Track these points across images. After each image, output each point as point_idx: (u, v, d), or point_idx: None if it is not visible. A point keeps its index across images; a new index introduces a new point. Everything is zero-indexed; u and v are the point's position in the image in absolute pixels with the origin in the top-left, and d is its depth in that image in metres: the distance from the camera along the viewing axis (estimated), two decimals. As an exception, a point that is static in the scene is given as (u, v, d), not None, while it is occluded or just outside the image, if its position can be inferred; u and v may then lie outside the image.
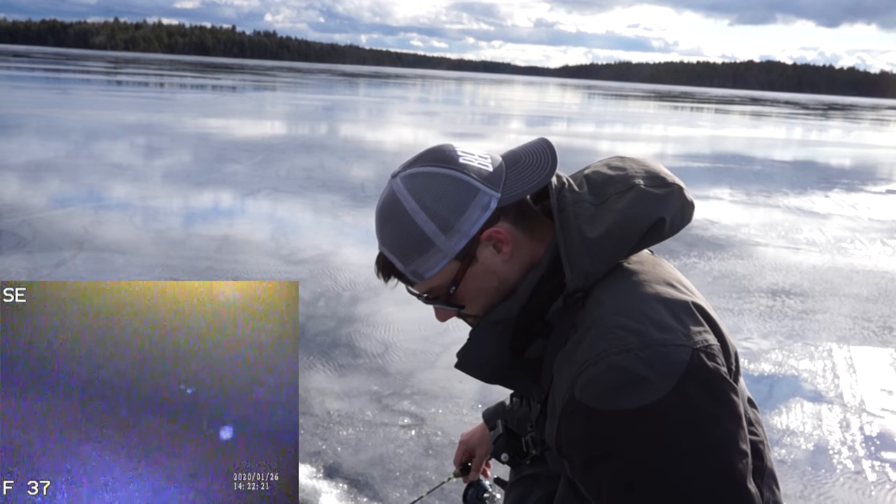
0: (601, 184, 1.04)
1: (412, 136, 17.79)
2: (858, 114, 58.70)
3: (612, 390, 0.87)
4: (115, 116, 16.93)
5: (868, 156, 20.18)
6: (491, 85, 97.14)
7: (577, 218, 1.00)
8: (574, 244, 0.98)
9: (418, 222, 1.00)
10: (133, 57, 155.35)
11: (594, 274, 0.97)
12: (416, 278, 1.04)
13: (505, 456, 1.31)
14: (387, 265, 1.06)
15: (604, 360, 0.88)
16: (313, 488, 2.70)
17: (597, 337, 0.91)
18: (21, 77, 36.36)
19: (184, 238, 6.28)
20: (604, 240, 0.97)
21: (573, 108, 40.58)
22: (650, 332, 0.89)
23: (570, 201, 1.02)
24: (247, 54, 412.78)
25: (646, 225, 0.98)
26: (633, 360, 0.87)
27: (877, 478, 3.01)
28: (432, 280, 1.04)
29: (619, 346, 0.88)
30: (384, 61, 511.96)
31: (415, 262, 1.02)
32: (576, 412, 0.90)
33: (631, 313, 0.92)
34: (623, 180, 1.03)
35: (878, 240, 7.86)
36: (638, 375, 0.86)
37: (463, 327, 1.08)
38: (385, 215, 1.04)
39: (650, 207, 0.98)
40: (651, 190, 1.00)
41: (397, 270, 1.05)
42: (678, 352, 0.88)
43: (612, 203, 1.00)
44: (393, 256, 1.04)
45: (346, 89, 48.11)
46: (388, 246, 1.04)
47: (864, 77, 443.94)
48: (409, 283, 1.07)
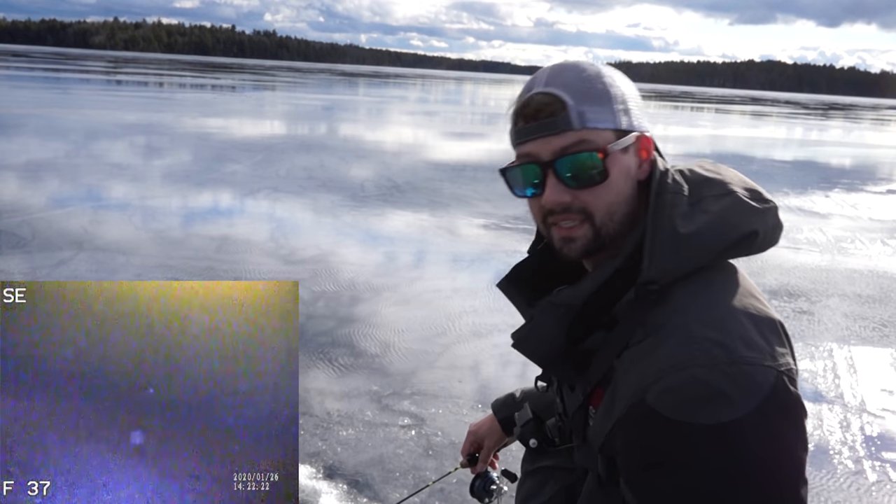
0: (698, 183, 1.00)
1: (412, 136, 17.79)
2: (859, 113, 58.71)
3: (691, 402, 0.84)
4: (115, 116, 16.93)
5: (869, 156, 20.19)
6: (491, 85, 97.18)
7: (673, 207, 0.96)
8: (663, 234, 0.94)
9: (606, 81, 0.97)
10: (132, 56, 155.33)
11: (673, 271, 0.93)
12: (578, 121, 0.95)
13: (533, 441, 1.26)
14: (552, 99, 0.95)
15: (686, 371, 0.85)
16: (313, 488, 2.69)
17: (679, 345, 0.87)
18: (20, 77, 36.36)
19: (184, 238, 6.28)
20: (693, 238, 0.93)
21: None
22: (738, 349, 0.86)
23: (671, 189, 0.98)
24: (246, 54, 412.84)
25: (739, 234, 0.94)
26: (718, 374, 0.84)
27: (877, 478, 3.01)
28: (590, 133, 0.95)
29: (704, 359, 0.85)
30: (384, 61, 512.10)
31: (587, 106, 0.95)
32: (645, 418, 0.87)
33: (718, 325, 0.88)
34: (721, 184, 1.00)
35: (879, 240, 7.86)
36: (720, 391, 0.83)
37: (464, 329, 1.08)
38: (570, 64, 0.99)
39: (746, 218, 0.96)
40: (749, 201, 0.98)
41: (563, 104, 0.95)
42: (764, 373, 0.85)
43: (708, 204, 0.97)
44: (566, 93, 0.95)
45: (346, 89, 48.12)
46: (563, 83, 0.96)
47: (865, 77, 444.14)
48: (565, 126, 0.95)
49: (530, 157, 0.98)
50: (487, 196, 9.23)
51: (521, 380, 3.81)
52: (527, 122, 0.97)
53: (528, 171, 0.99)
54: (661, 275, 0.92)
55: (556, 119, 0.95)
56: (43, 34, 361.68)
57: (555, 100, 0.95)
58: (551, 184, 0.97)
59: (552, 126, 0.95)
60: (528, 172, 0.99)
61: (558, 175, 0.96)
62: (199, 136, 14.18)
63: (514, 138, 1.00)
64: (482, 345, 4.17)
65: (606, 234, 0.98)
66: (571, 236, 0.99)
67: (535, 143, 0.97)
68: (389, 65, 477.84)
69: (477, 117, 27.42)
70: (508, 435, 1.45)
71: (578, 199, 0.97)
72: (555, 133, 0.95)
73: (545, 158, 0.96)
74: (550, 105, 0.95)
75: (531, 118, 0.96)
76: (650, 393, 0.86)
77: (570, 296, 0.98)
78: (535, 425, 1.27)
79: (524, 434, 1.28)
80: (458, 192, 9.48)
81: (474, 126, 22.80)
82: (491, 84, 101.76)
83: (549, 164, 0.96)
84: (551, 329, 0.99)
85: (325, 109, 25.54)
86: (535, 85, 0.98)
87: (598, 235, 0.98)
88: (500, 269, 5.89)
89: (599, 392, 0.99)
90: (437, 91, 58.14)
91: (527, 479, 1.29)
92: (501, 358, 4.06)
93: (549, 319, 0.99)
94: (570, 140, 0.95)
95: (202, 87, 36.42)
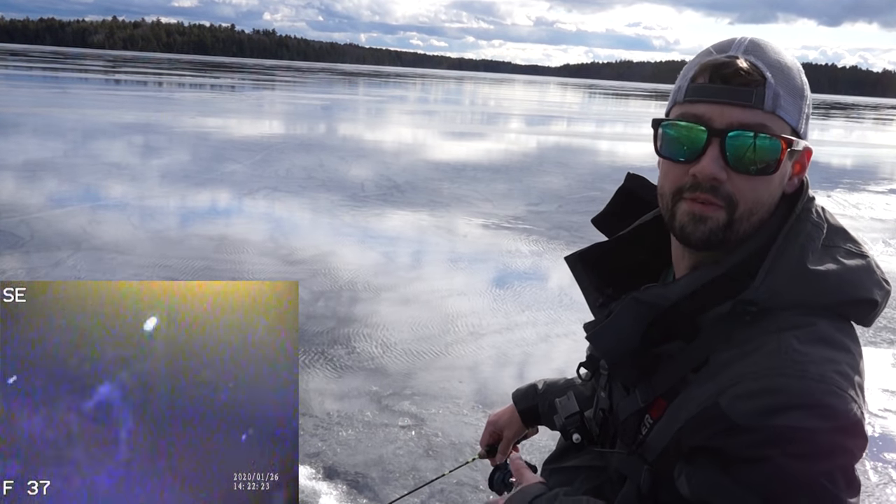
0: (834, 228, 0.94)
1: (412, 136, 17.79)
2: (861, 113, 58.70)
3: (768, 408, 0.79)
4: (114, 116, 16.92)
5: (870, 155, 20.19)
6: (491, 84, 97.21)
7: (809, 240, 0.89)
8: (790, 261, 0.87)
9: (803, 77, 0.92)
10: (131, 56, 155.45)
11: (783, 300, 0.86)
12: (772, 103, 0.86)
13: (577, 437, 1.19)
14: (754, 69, 0.87)
15: (770, 378, 0.80)
16: (313, 489, 2.69)
17: (769, 354, 0.82)
18: (19, 76, 36.35)
19: (183, 238, 6.28)
20: (819, 278, 0.87)
21: (574, 108, 40.57)
22: (829, 372, 0.81)
23: (813, 220, 0.92)
24: (246, 53, 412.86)
25: (860, 297, 0.89)
26: (806, 387, 0.79)
27: (878, 479, 3.01)
28: (776, 121, 0.87)
29: (793, 370, 0.80)
30: (384, 60, 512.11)
31: (784, 92, 0.88)
32: (716, 420, 0.82)
33: (815, 346, 0.83)
34: (855, 242, 0.94)
35: (880, 240, 7.86)
36: (804, 403, 0.79)
37: (464, 329, 1.07)
38: (770, 44, 0.91)
39: (872, 287, 0.90)
40: (879, 272, 0.93)
41: (763, 79, 0.86)
42: (849, 403, 0.80)
43: (841, 255, 0.91)
44: (768, 69, 0.87)
45: (346, 88, 48.12)
46: (766, 60, 0.88)
47: (867, 76, 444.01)
48: (758, 102, 0.86)
49: (700, 120, 0.88)
50: (487, 196, 9.24)
51: (521, 380, 3.81)
52: (713, 81, 0.87)
53: (692, 133, 0.88)
54: (767, 298, 0.86)
55: (751, 90, 0.86)
56: (41, 33, 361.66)
57: (757, 71, 0.87)
58: (712, 155, 0.86)
59: (744, 96, 0.86)
60: (692, 134, 0.88)
61: (724, 149, 0.86)
62: (198, 135, 14.18)
63: (685, 93, 0.91)
64: (482, 345, 4.17)
65: (737, 231, 0.89)
66: (704, 215, 0.88)
67: (714, 107, 0.87)
68: (390, 64, 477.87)
69: (477, 117, 27.42)
70: (528, 426, 1.42)
71: (732, 183, 0.87)
72: (742, 105, 0.86)
73: (718, 126, 0.87)
74: (750, 74, 0.86)
75: (721, 79, 0.86)
76: (725, 396, 0.82)
77: (658, 294, 0.91)
78: (581, 419, 1.20)
79: (566, 426, 1.20)
80: (458, 191, 9.48)
81: (474, 126, 22.79)
82: (491, 83, 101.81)
83: (720, 134, 0.86)
84: (627, 328, 0.93)
85: (325, 109, 25.54)
86: (733, 49, 0.90)
87: (730, 228, 0.89)
88: (501, 270, 5.91)
89: (661, 403, 0.94)
90: (438, 90, 58.16)
91: (552, 476, 1.23)
92: (501, 358, 4.06)
93: (628, 317, 0.92)
94: (755, 119, 0.86)
95: (201, 87, 36.41)
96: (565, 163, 13.42)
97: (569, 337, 4.44)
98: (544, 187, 10.35)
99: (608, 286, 1.04)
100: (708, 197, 0.88)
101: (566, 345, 4.33)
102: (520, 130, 21.70)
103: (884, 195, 11.63)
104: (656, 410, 0.95)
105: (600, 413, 1.15)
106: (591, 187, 10.64)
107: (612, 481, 1.06)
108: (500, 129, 21.91)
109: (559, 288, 5.42)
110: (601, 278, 1.06)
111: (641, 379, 0.97)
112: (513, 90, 72.29)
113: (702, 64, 0.89)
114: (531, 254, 6.48)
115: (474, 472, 2.74)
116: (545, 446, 3.02)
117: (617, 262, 1.08)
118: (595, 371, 1.14)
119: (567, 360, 4.06)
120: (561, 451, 1.27)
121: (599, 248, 1.09)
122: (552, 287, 5.51)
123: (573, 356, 4.02)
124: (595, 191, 10.19)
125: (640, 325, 0.92)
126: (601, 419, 1.15)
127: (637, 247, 1.08)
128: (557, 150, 16.17)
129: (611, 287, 1.05)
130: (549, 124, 25.29)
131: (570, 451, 1.22)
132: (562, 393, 1.31)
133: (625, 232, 1.09)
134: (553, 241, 6.93)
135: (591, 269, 1.07)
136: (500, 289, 5.36)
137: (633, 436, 0.99)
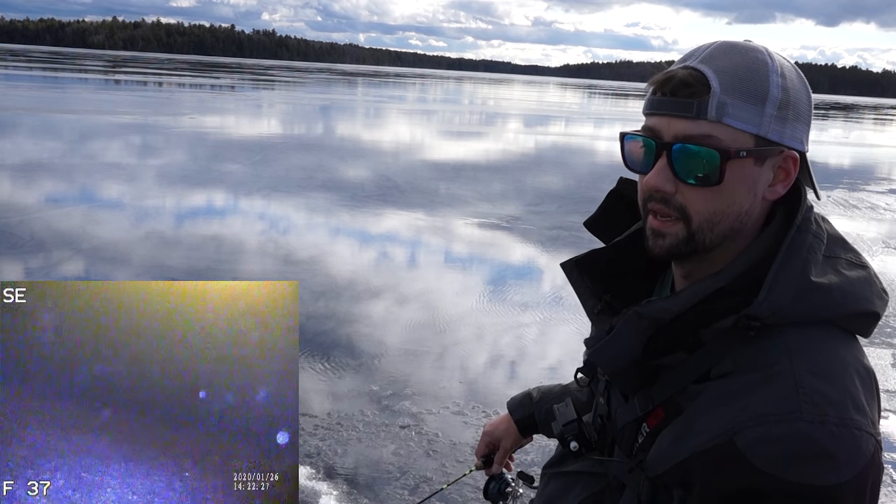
0: (834, 238, 0.93)
1: (412, 136, 17.79)
2: (861, 113, 58.72)
3: (791, 458, 0.78)
4: (114, 116, 16.92)
5: (870, 155, 20.19)
6: (491, 84, 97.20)
7: (811, 252, 0.88)
8: (792, 274, 0.86)
9: (771, 79, 0.87)
10: (131, 56, 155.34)
11: (786, 315, 0.85)
12: (716, 113, 0.85)
13: (574, 445, 1.17)
14: (698, 80, 0.86)
15: (790, 424, 0.79)
16: (313, 489, 2.69)
17: (786, 393, 0.81)
18: (19, 76, 36.33)
19: (183, 238, 6.28)
20: (824, 291, 0.86)
21: (573, 108, 40.56)
22: (848, 409, 0.80)
23: (814, 231, 0.90)
24: (245, 53, 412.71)
25: (863, 309, 0.89)
26: (826, 434, 0.78)
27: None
28: (723, 130, 0.85)
29: (812, 415, 0.79)
30: (383, 60, 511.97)
31: (733, 99, 0.85)
32: (734, 461, 0.81)
33: (831, 379, 0.82)
34: (855, 252, 0.94)
35: (879, 240, 7.86)
36: (826, 452, 0.78)
37: (463, 329, 1.06)
38: (738, 47, 0.89)
39: (873, 299, 0.90)
40: (880, 283, 0.93)
41: (707, 88, 0.85)
42: (867, 440, 0.81)
43: (842, 266, 0.90)
44: (717, 78, 0.85)
45: (346, 88, 48.11)
46: (720, 66, 0.86)
47: (867, 76, 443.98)
48: (700, 112, 0.86)
49: (652, 133, 0.90)
50: (487, 196, 9.24)
51: (521, 380, 3.81)
52: (663, 94, 0.88)
53: (646, 146, 0.91)
54: (771, 313, 0.85)
55: (693, 102, 0.86)
56: (41, 33, 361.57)
57: (701, 81, 0.86)
58: (660, 167, 0.88)
59: (686, 108, 0.86)
60: (646, 147, 0.91)
61: (671, 161, 0.88)
62: (197, 135, 14.17)
63: (644, 106, 0.93)
64: (482, 345, 4.17)
65: (701, 241, 0.90)
66: (662, 231, 0.91)
67: (663, 119, 0.89)
68: (389, 64, 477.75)
69: (476, 117, 27.42)
70: (525, 436, 1.41)
71: (681, 195, 0.89)
72: (685, 116, 0.86)
73: (665, 139, 0.88)
74: (693, 86, 0.86)
75: (669, 92, 0.87)
76: (743, 436, 0.81)
77: (660, 308, 0.91)
78: (580, 427, 1.19)
79: (564, 433, 1.19)
80: (457, 191, 9.48)
81: (473, 126, 22.79)
82: (491, 83, 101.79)
83: (666, 147, 0.88)
84: (629, 341, 0.93)
85: (325, 109, 25.54)
86: (692, 58, 0.89)
87: (691, 240, 0.90)
88: (500, 270, 5.91)
89: (659, 413, 0.94)
90: (437, 90, 58.15)
91: (551, 481, 1.23)
92: (501, 358, 4.06)
93: (630, 332, 0.92)
94: (698, 130, 0.86)
95: (201, 87, 36.40)
96: (565, 163, 13.42)
97: (569, 337, 4.44)
98: (544, 187, 10.36)
99: (606, 292, 1.04)
100: (662, 208, 0.90)
101: (566, 345, 4.34)
102: (519, 130, 21.70)
103: (883, 195, 11.64)
104: (654, 419, 0.95)
105: (599, 419, 1.15)
106: (590, 187, 10.65)
107: (612, 488, 1.06)
108: (500, 130, 21.91)
109: (559, 288, 5.42)
110: (598, 284, 1.06)
111: (641, 388, 0.97)
112: (512, 90, 72.28)
113: (656, 77, 0.91)
114: (531, 254, 6.48)
115: (474, 473, 2.73)
116: (545, 446, 3.03)
117: (614, 268, 1.08)
118: (593, 377, 1.14)
119: (567, 361, 4.06)
120: (561, 456, 1.25)
121: (597, 254, 1.09)
122: (552, 287, 5.51)
123: (573, 356, 4.02)
124: (595, 191, 10.19)
125: (642, 338, 0.92)
126: (599, 426, 1.15)
127: (634, 252, 1.08)
128: (556, 151, 16.17)
129: (609, 293, 1.04)
130: (549, 124, 25.29)
131: (569, 456, 1.21)
132: (559, 399, 1.31)
133: (622, 238, 1.09)
134: (553, 241, 6.94)
135: (588, 275, 1.07)
136: (500, 289, 5.37)
137: (630, 444, 1.00)
